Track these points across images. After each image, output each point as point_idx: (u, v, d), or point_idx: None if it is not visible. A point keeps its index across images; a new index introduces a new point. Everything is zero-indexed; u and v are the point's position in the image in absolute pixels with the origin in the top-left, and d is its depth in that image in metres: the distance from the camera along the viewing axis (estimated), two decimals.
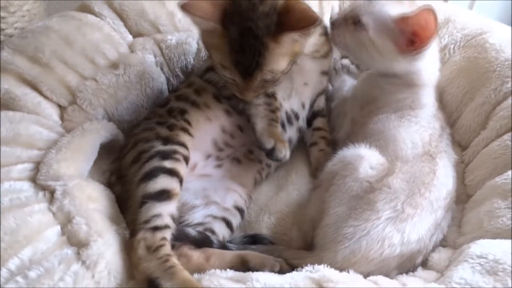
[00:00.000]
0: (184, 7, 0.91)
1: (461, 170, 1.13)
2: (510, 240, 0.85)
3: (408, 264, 0.95)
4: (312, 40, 1.15)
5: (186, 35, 1.34)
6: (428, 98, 1.13)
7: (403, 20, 1.03)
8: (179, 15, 1.35)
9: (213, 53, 1.02)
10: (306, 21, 0.94)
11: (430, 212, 0.96)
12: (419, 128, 1.07)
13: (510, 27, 1.29)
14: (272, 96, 1.13)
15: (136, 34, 1.32)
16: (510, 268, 0.78)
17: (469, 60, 1.22)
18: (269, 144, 1.07)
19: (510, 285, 0.75)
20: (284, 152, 1.07)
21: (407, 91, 1.13)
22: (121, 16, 1.31)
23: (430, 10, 0.99)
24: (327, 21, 1.37)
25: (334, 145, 1.25)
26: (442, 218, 0.99)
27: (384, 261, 0.93)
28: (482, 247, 0.85)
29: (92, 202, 0.93)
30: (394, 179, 0.97)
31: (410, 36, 1.04)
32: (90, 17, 1.27)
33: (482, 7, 2.01)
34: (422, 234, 0.95)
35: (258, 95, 1.08)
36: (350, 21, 1.12)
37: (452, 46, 1.28)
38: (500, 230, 0.89)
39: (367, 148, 1.03)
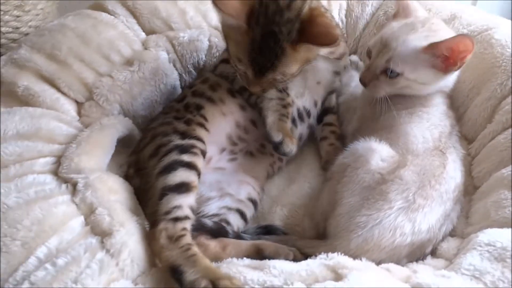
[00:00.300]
0: (215, 3, 0.94)
1: (468, 163, 1.16)
2: None
3: (418, 253, 0.98)
4: None
5: (198, 32, 1.37)
6: (440, 98, 1.16)
7: (432, 46, 1.04)
8: (191, 12, 1.39)
9: (232, 45, 1.05)
10: (327, 38, 0.97)
11: (439, 204, 0.99)
12: (430, 125, 1.09)
13: None
14: (285, 92, 1.16)
15: (149, 32, 1.36)
16: None
17: (475, 55, 1.22)
18: (277, 137, 1.10)
19: None
20: (291, 147, 1.11)
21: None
22: (134, 14, 1.34)
23: (465, 35, 1.04)
24: (335, 15, 1.42)
25: (343, 139, 1.28)
26: (451, 210, 1.03)
27: (396, 249, 0.96)
28: (490, 235, 0.88)
29: (113, 194, 0.96)
30: (406, 171, 1.00)
31: (445, 54, 1.04)
32: (105, 15, 1.30)
33: (484, 5, 2.04)
34: (432, 224, 0.98)
35: (267, 90, 1.11)
36: (379, 73, 1.11)
37: None
38: (506, 220, 0.92)
39: (378, 142, 1.06)
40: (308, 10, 1.00)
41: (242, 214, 1.13)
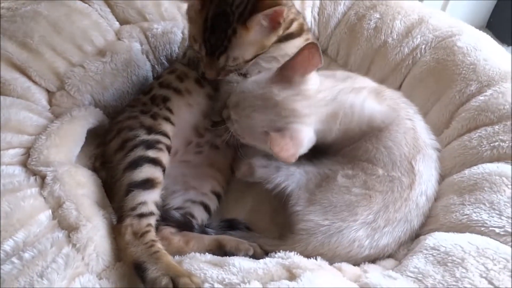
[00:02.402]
0: None
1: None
2: (461, 234, 0.94)
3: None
4: (297, 43, 1.18)
5: (172, 25, 1.39)
6: (372, 107, 1.09)
7: None
8: (166, 4, 1.41)
9: (190, 25, 1.09)
10: (271, 3, 0.99)
11: (403, 223, 1.02)
12: (393, 144, 1.06)
13: (479, 31, 1.37)
14: (245, 76, 1.18)
15: (122, 21, 1.37)
16: (458, 260, 0.87)
17: (438, 61, 1.29)
18: (216, 118, 1.16)
19: (457, 275, 0.85)
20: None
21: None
22: (108, 3, 1.35)
23: None
24: (308, 18, 1.44)
25: None
26: (420, 225, 1.05)
27: (350, 259, 1.00)
28: (436, 239, 0.94)
29: (81, 187, 0.99)
30: (374, 192, 1.03)
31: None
32: (79, 3, 1.30)
33: (456, 7, 2.09)
34: (389, 242, 1.01)
35: (224, 77, 1.14)
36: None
37: (423, 46, 1.35)
38: (453, 224, 0.98)
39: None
40: None
41: (206, 207, 1.17)
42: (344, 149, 1.12)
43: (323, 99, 1.05)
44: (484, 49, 1.26)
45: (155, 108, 1.16)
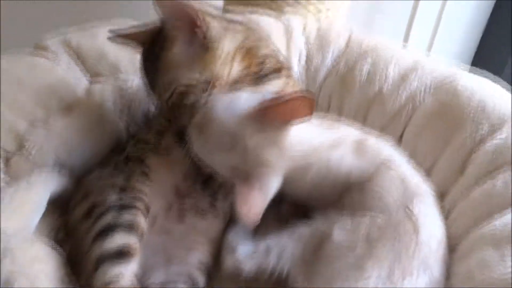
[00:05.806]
0: (113, 40, 1.08)
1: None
2: None
3: None
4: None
5: None
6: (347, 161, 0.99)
7: None
8: None
9: None
10: None
11: (423, 270, 0.88)
12: (382, 190, 0.96)
13: (474, 75, 1.28)
14: None
15: (94, 77, 1.24)
16: None
17: (441, 105, 1.19)
18: None
19: None
20: None
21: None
22: (78, 57, 1.24)
23: None
24: (294, 63, 1.35)
25: None
26: (441, 274, 0.90)
27: None
28: None
29: (38, 262, 0.82)
30: (378, 240, 0.89)
31: None
32: (44, 59, 1.19)
33: (441, 48, 2.09)
34: None
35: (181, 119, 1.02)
36: None
37: (422, 90, 1.25)
38: (495, 280, 0.82)
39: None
40: None
41: (193, 281, 0.99)
42: (331, 205, 0.99)
43: (300, 151, 0.94)
44: (487, 89, 1.18)
45: (129, 167, 1.03)
